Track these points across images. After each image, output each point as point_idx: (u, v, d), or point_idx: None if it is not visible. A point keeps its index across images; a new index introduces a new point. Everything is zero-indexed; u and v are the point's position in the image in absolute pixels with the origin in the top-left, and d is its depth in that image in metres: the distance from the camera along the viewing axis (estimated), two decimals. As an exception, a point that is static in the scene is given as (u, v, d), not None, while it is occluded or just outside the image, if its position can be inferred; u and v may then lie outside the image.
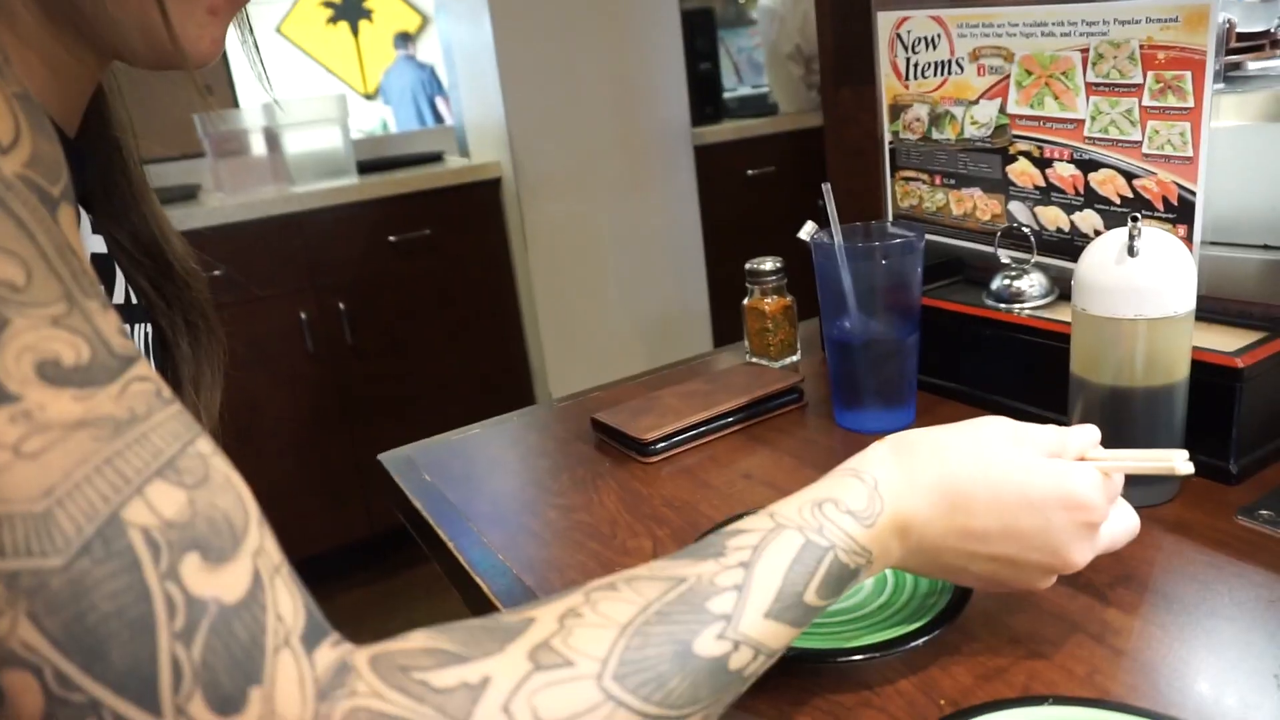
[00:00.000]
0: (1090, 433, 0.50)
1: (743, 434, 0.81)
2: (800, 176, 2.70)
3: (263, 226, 2.16)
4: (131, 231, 0.58)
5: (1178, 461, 0.47)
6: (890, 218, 0.92)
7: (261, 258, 2.17)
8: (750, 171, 2.67)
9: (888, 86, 0.86)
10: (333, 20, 5.60)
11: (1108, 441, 0.50)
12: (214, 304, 0.62)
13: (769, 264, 0.93)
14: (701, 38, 2.59)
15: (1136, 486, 0.59)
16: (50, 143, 0.34)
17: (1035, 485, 0.45)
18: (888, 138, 0.88)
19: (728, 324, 2.66)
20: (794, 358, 0.95)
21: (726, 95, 2.88)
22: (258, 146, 2.32)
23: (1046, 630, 0.50)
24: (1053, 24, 0.70)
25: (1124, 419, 0.60)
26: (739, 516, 0.47)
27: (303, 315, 2.23)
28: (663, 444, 0.77)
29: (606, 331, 2.55)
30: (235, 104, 2.97)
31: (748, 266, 0.93)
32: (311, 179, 2.37)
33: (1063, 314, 0.74)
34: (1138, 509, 0.51)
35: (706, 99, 2.62)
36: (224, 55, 0.49)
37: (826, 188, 0.74)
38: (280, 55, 5.47)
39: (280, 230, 2.18)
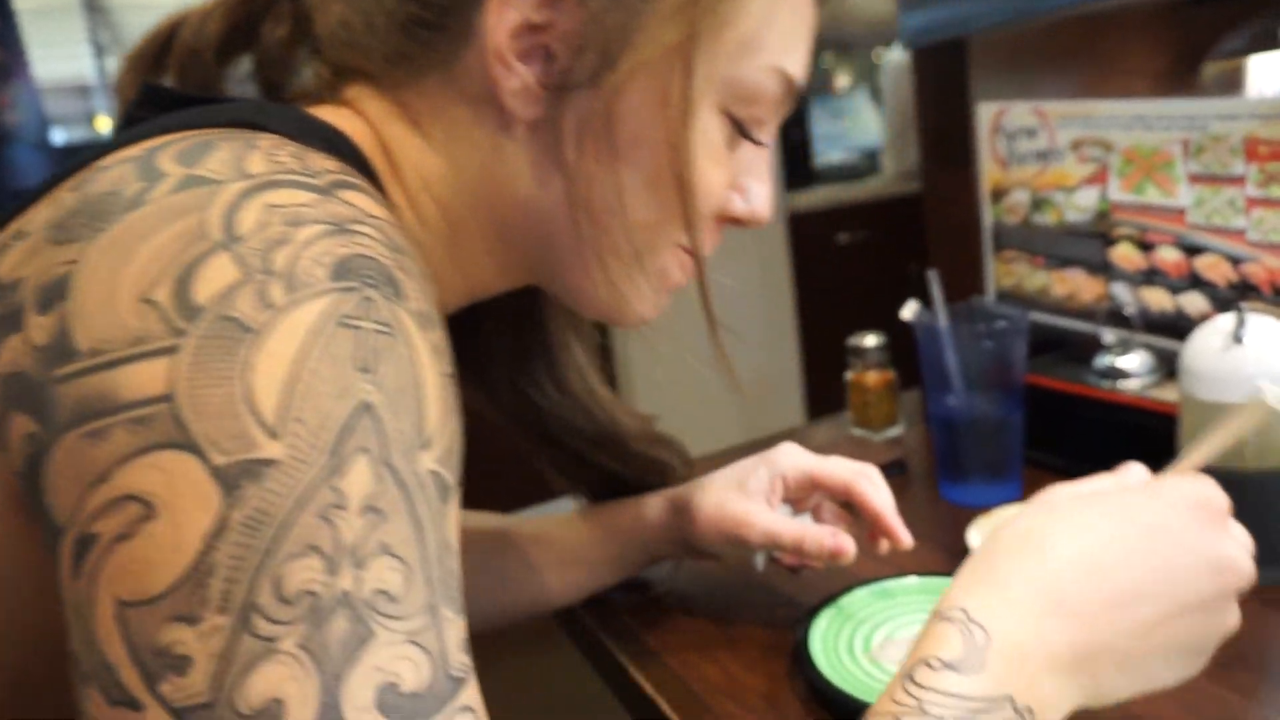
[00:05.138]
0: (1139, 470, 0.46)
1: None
2: (896, 243, 2.72)
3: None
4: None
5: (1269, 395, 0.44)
6: (993, 296, 0.94)
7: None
8: (844, 237, 2.70)
9: (988, 172, 0.89)
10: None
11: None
12: None
13: (871, 340, 0.96)
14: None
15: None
16: (458, 419, 0.35)
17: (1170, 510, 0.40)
18: (989, 220, 0.92)
19: (822, 389, 2.67)
20: (896, 430, 0.98)
21: (820, 163, 2.94)
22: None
23: (1163, 710, 0.52)
24: (1153, 118, 0.73)
25: (1237, 502, 0.61)
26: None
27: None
28: (773, 514, 0.81)
29: (698, 397, 2.59)
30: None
31: (849, 343, 0.97)
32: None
33: (1169, 393, 0.75)
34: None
35: (798, 165, 2.69)
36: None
37: (932, 274, 0.78)
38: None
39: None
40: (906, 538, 0.61)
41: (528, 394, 0.61)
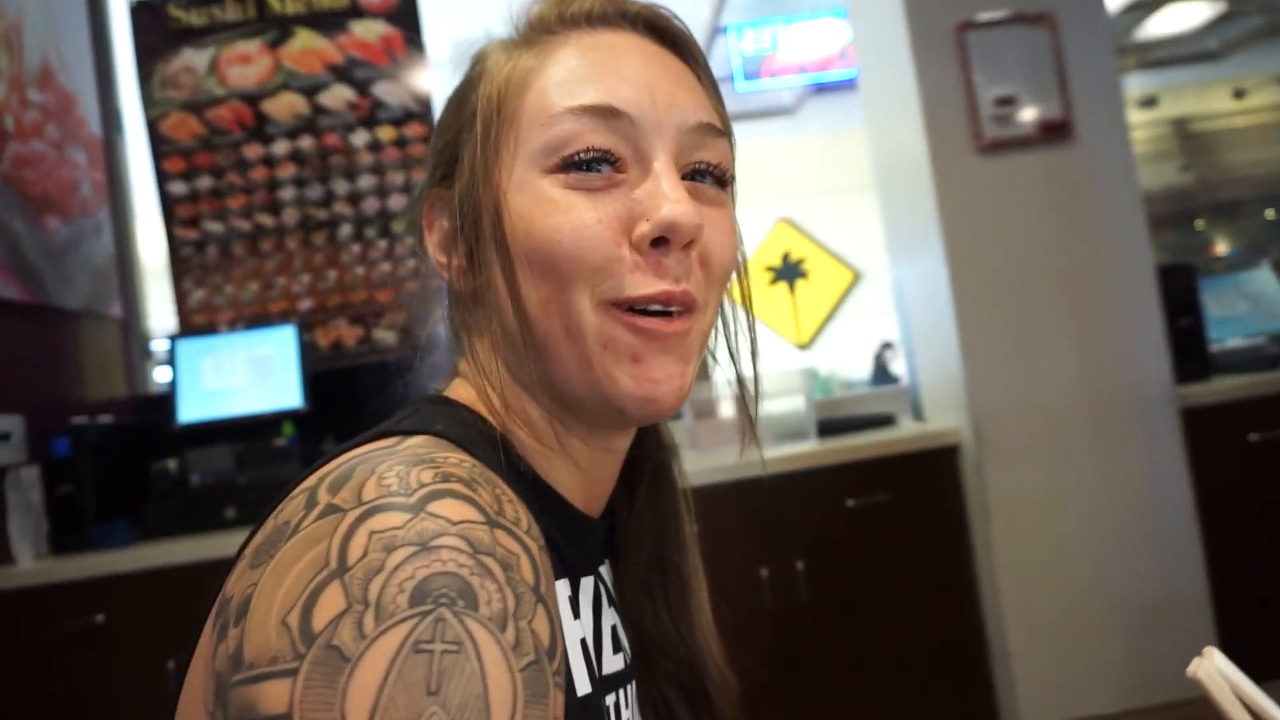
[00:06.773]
0: None
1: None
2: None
3: (730, 488, 2.42)
4: (660, 626, 0.67)
5: None
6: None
7: (728, 516, 2.42)
8: (1256, 435, 2.27)
9: None
10: (773, 281, 6.64)
11: None
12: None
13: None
14: (1179, 290, 2.39)
15: None
16: (545, 701, 0.38)
17: None
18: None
19: (1237, 616, 2.19)
20: None
21: (1216, 349, 2.54)
22: (727, 411, 2.65)
23: None
24: None
25: None
26: None
27: (764, 573, 2.40)
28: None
29: (1076, 613, 2.28)
30: (706, 375, 3.43)
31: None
32: (773, 441, 2.57)
33: None
34: None
35: (1189, 355, 2.36)
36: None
37: None
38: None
39: (744, 491, 2.42)
40: None
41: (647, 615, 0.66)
